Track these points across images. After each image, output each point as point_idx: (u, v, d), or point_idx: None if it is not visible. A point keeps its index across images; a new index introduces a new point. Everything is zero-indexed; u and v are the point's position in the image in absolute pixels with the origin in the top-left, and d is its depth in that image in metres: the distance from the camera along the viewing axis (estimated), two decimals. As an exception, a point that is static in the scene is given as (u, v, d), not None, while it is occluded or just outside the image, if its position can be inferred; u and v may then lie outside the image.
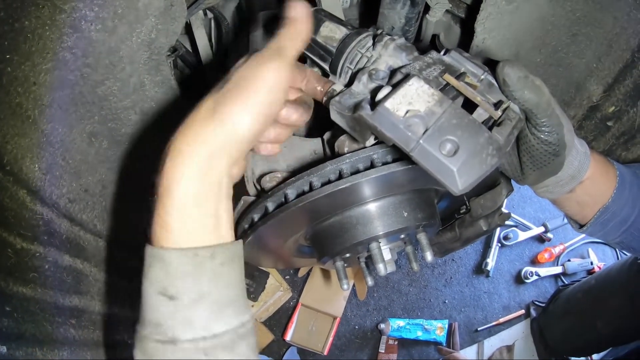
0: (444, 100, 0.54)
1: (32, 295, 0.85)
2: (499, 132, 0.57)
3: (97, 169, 0.94)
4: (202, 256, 0.55)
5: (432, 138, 0.51)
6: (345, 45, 0.70)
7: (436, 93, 0.54)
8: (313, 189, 0.70)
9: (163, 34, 0.79)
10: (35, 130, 0.77)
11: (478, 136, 0.52)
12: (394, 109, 0.53)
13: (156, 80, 0.85)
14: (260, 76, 0.56)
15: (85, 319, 1.00)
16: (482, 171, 0.52)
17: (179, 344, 0.55)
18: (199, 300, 0.55)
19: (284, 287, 2.01)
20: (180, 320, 0.55)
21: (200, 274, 0.55)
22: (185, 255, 0.54)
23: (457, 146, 0.51)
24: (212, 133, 0.54)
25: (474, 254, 2.24)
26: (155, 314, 0.57)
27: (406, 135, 0.52)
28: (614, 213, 0.79)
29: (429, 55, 0.67)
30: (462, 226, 1.22)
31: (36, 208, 0.83)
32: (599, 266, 2.11)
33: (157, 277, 0.55)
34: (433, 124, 0.52)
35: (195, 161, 0.54)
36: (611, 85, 0.98)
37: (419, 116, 0.52)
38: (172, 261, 0.54)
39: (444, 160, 0.50)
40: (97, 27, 0.72)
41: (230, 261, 0.58)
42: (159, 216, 0.55)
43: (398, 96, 0.54)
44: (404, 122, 0.52)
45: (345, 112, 0.62)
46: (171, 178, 0.54)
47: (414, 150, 0.52)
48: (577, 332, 1.79)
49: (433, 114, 0.52)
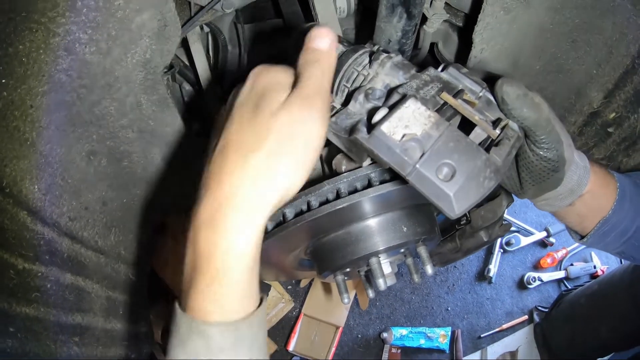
0: (441, 123, 0.53)
1: (35, 315, 0.85)
2: (497, 153, 0.56)
3: (97, 186, 0.94)
4: (242, 328, 0.53)
5: (428, 162, 0.51)
6: (341, 63, 0.69)
7: (433, 115, 0.54)
8: (311, 209, 0.70)
9: (158, 53, 0.79)
10: (34, 152, 0.77)
11: (475, 159, 0.52)
12: (390, 132, 0.52)
13: (153, 99, 0.85)
14: (305, 136, 0.52)
15: (88, 335, 1.00)
16: (479, 195, 0.51)
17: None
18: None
19: (285, 299, 2.00)
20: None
21: (240, 345, 0.53)
22: (228, 330, 0.52)
23: (454, 170, 0.50)
24: (265, 201, 0.51)
25: (476, 261, 2.23)
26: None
27: (402, 159, 0.51)
28: (614, 225, 0.79)
29: (427, 73, 0.67)
30: (463, 237, 1.21)
31: (37, 228, 0.83)
32: (602, 270, 2.10)
33: (197, 351, 0.52)
34: (430, 147, 0.51)
35: (252, 234, 0.50)
36: (611, 91, 0.98)
37: (416, 140, 0.51)
38: (214, 336, 0.51)
39: (440, 185, 0.50)
40: (92, 49, 0.72)
41: (262, 323, 0.56)
42: (212, 292, 0.50)
43: (394, 119, 0.53)
44: (400, 146, 0.51)
45: (341, 134, 0.61)
46: (228, 254, 0.50)
47: (410, 174, 0.51)
48: (581, 337, 1.78)
49: (430, 137, 0.52)
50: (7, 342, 0.79)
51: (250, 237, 0.50)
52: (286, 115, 0.52)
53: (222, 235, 0.49)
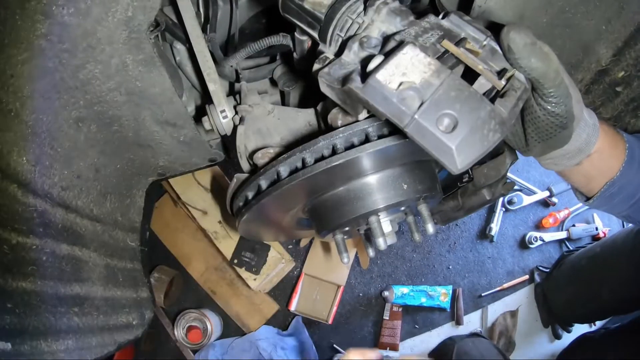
0: (442, 70, 0.49)
1: (32, 288, 0.85)
2: (502, 105, 0.52)
3: (88, 153, 0.92)
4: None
5: (428, 112, 0.47)
6: (334, 11, 0.65)
7: (433, 62, 0.50)
8: (306, 166, 0.67)
9: (140, 10, 0.75)
10: (19, 123, 0.76)
11: (479, 110, 0.48)
12: (386, 80, 0.48)
13: (139, 59, 0.81)
14: None
15: (88, 305, 1.00)
16: (483, 148, 0.48)
17: None
18: None
19: (285, 259, 2.00)
20: None
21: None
22: None
23: (456, 121, 0.47)
24: None
25: (478, 219, 2.21)
26: None
27: (400, 109, 0.48)
28: (621, 187, 0.76)
29: (426, 20, 0.62)
30: (465, 195, 1.19)
31: (28, 201, 0.82)
32: (603, 231, 2.08)
33: None
34: (429, 97, 0.47)
35: None
36: (621, 49, 0.93)
37: (414, 88, 0.47)
38: None
39: (441, 137, 0.46)
40: (70, 10, 0.69)
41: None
42: None
43: (391, 66, 0.49)
44: (397, 96, 0.48)
45: (334, 85, 0.57)
46: None
47: (408, 126, 0.48)
48: (581, 299, 1.78)
49: (429, 85, 0.48)
50: (5, 319, 0.79)
51: None
52: None
53: None
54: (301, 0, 0.68)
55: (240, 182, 0.85)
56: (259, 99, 0.96)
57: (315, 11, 0.67)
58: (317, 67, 0.64)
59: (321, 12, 0.67)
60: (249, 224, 0.88)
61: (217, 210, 1.95)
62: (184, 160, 1.10)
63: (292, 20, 0.72)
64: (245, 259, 1.90)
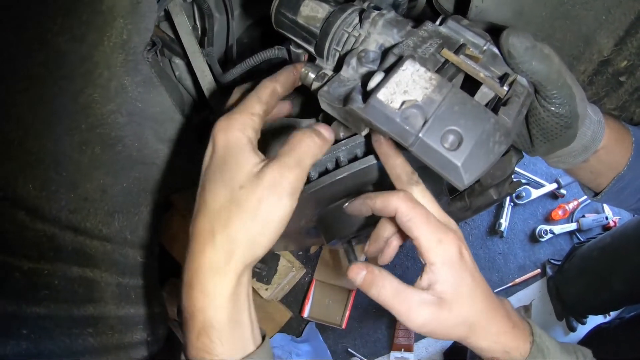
0: (444, 85, 0.48)
1: (46, 313, 0.85)
2: (506, 113, 0.52)
3: (94, 175, 0.92)
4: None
5: (432, 130, 0.46)
6: (329, 25, 0.64)
7: (434, 77, 0.49)
8: (310, 180, 0.67)
9: (135, 33, 0.75)
10: (23, 151, 0.76)
11: (484, 123, 0.47)
12: (388, 100, 0.48)
13: (137, 80, 0.82)
14: (269, 216, 0.53)
15: (102, 325, 1.01)
16: (489, 162, 0.47)
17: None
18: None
19: (296, 266, 1.99)
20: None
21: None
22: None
23: (461, 137, 0.46)
24: (232, 268, 0.54)
25: (487, 215, 2.20)
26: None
27: (403, 129, 0.47)
28: (629, 181, 0.75)
29: (424, 28, 0.61)
30: (472, 195, 1.18)
31: (37, 226, 0.83)
32: (614, 220, 2.06)
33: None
34: (433, 113, 0.47)
35: (225, 292, 0.54)
36: (623, 38, 0.92)
37: (417, 106, 0.47)
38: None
39: (446, 154, 0.46)
40: (65, 38, 0.69)
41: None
42: (202, 343, 0.54)
43: (392, 84, 0.48)
44: (400, 115, 0.47)
45: (335, 104, 0.57)
46: (206, 311, 0.54)
47: (413, 145, 0.47)
48: (594, 290, 1.77)
49: (432, 102, 0.47)
50: (21, 345, 0.79)
51: (223, 295, 0.53)
52: (252, 193, 0.53)
53: (198, 296, 0.54)
54: (294, 15, 0.67)
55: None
56: (259, 113, 0.95)
57: (310, 26, 0.66)
58: (316, 86, 0.63)
59: (316, 26, 0.66)
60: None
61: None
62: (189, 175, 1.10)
63: (287, 35, 0.71)
64: (255, 270, 1.90)
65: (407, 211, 0.56)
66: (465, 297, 0.57)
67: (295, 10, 0.67)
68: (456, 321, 0.57)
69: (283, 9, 0.69)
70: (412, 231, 0.57)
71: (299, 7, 0.67)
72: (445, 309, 0.56)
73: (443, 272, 0.56)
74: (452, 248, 0.56)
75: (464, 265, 0.57)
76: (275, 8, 0.69)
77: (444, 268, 0.56)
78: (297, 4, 0.67)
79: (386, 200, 0.57)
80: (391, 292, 0.60)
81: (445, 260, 0.56)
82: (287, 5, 0.69)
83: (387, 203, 0.57)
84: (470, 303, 0.57)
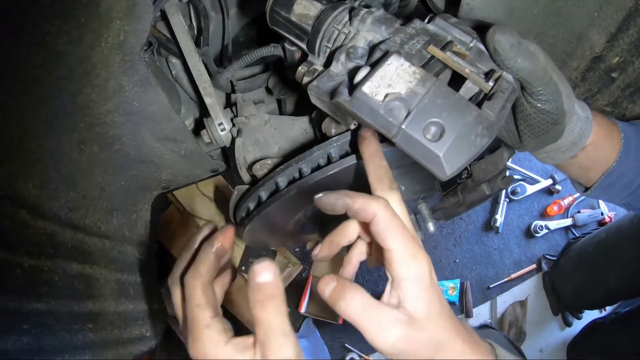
0: (427, 79, 0.50)
1: (46, 308, 0.86)
2: (489, 107, 0.53)
3: (93, 173, 0.94)
4: None
5: (414, 122, 0.48)
6: (320, 22, 0.66)
7: (418, 71, 0.50)
8: (303, 176, 0.68)
9: (132, 34, 0.76)
10: (23, 151, 0.77)
11: (465, 115, 0.49)
12: (373, 92, 0.49)
13: (134, 80, 0.83)
14: None
15: (102, 321, 1.02)
16: (471, 153, 0.49)
17: None
18: None
19: (292, 262, 2.01)
20: None
21: None
22: None
23: (443, 129, 0.47)
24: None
25: (483, 211, 2.22)
26: None
27: (387, 121, 0.49)
28: (619, 176, 0.77)
29: (412, 26, 0.63)
30: (465, 191, 1.20)
31: (38, 224, 0.84)
32: (609, 216, 2.08)
33: None
34: (415, 106, 0.48)
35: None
36: (614, 35, 0.93)
37: (400, 99, 0.48)
38: None
39: (428, 145, 0.47)
40: (63, 40, 0.70)
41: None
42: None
43: (376, 78, 0.50)
44: (384, 107, 0.49)
45: (324, 98, 0.58)
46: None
47: (396, 136, 0.49)
48: (589, 285, 1.78)
49: (415, 95, 0.49)
50: (22, 340, 0.80)
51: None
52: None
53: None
54: (288, 13, 0.69)
55: (241, 194, 0.86)
56: (255, 110, 0.97)
57: (302, 23, 0.68)
58: (306, 80, 0.65)
59: (308, 24, 0.68)
60: (253, 233, 0.89)
61: (222, 220, 1.97)
62: (186, 172, 1.11)
63: (281, 32, 0.73)
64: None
65: (385, 219, 0.53)
66: (436, 316, 0.55)
67: (289, 9, 0.70)
68: (426, 341, 0.54)
69: (277, 7, 0.71)
70: (387, 242, 0.53)
71: (293, 5, 0.70)
72: (416, 329, 0.53)
73: (414, 289, 0.53)
74: (425, 266, 0.54)
75: (434, 284, 0.55)
76: (270, 6, 0.71)
77: (416, 285, 0.54)
78: (291, 2, 0.70)
79: (367, 203, 0.54)
80: (361, 307, 0.55)
81: (418, 278, 0.53)
82: (281, 4, 0.71)
83: (366, 206, 0.54)
84: (441, 323, 0.55)
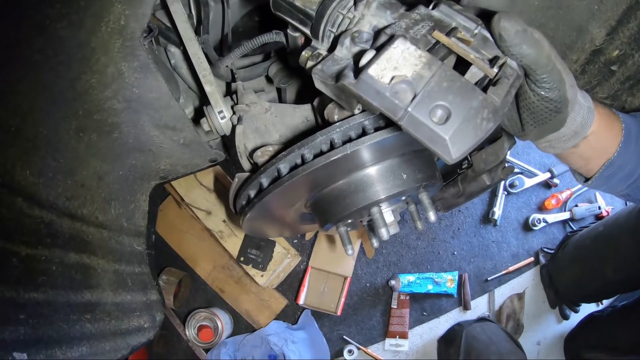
0: (433, 62, 0.50)
1: (44, 298, 0.86)
2: (494, 93, 0.53)
3: (90, 162, 0.93)
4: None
5: (421, 105, 0.47)
6: (325, 7, 0.65)
7: (424, 54, 0.50)
8: (305, 162, 0.68)
9: (132, 19, 0.75)
10: (20, 138, 0.77)
11: (471, 99, 0.48)
12: (378, 75, 0.49)
13: (134, 66, 0.82)
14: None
15: (99, 311, 1.02)
16: (477, 137, 0.49)
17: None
18: None
19: (291, 253, 2.01)
20: None
21: None
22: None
23: (449, 112, 0.47)
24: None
25: (481, 204, 2.22)
26: None
27: (393, 103, 0.48)
28: (619, 167, 0.77)
29: (417, 12, 0.62)
30: (465, 181, 1.19)
31: (35, 213, 0.83)
32: (606, 210, 2.08)
33: None
34: (422, 89, 0.48)
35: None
36: (614, 28, 0.93)
37: (406, 81, 0.48)
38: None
39: (435, 128, 0.47)
40: (63, 24, 0.70)
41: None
42: None
43: (382, 61, 0.50)
44: (389, 90, 0.48)
45: (328, 81, 0.58)
46: None
47: (402, 119, 0.48)
48: (587, 278, 1.79)
49: (421, 78, 0.48)
50: (20, 330, 0.80)
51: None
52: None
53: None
54: (292, -2, 0.68)
55: (241, 182, 0.86)
56: (255, 98, 0.96)
57: (306, 8, 0.67)
58: (310, 64, 0.64)
59: (312, 8, 0.67)
60: (252, 221, 0.89)
61: (221, 210, 1.96)
62: (185, 162, 1.11)
63: (284, 17, 0.72)
64: (251, 256, 1.92)
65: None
66: None
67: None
68: None
69: None
70: None
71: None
72: None
73: None
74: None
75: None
76: None
77: None
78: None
79: None
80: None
81: None
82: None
83: None
84: None
